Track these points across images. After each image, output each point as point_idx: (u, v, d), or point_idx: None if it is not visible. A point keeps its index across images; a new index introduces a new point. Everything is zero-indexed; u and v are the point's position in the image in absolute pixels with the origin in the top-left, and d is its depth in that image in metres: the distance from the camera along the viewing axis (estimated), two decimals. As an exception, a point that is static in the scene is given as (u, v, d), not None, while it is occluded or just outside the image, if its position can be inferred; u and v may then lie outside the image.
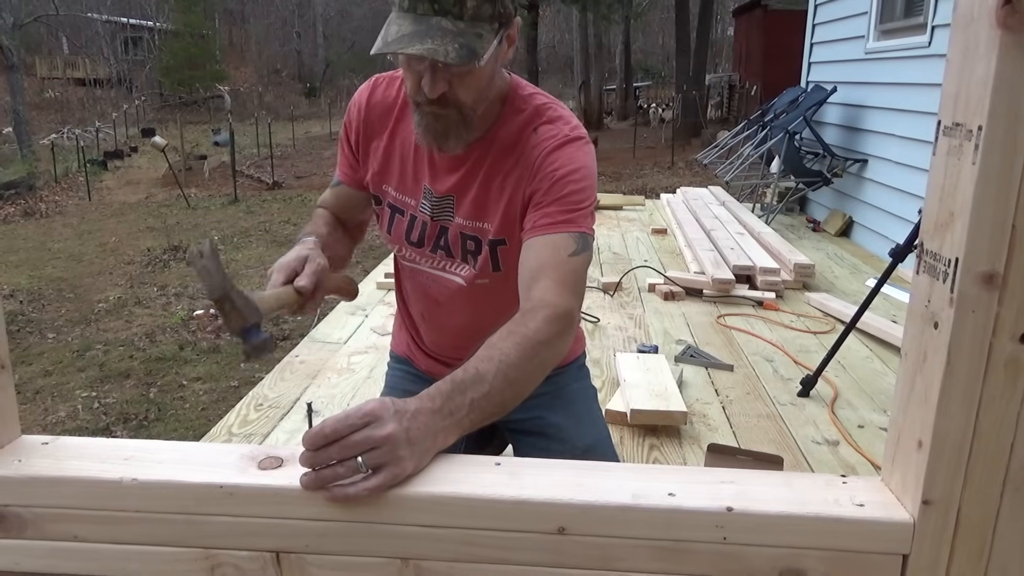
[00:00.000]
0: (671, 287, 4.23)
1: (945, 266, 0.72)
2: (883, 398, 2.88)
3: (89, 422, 3.89)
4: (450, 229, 1.33)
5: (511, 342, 1.01)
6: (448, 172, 1.30)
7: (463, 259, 1.35)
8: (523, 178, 1.24)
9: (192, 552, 0.82)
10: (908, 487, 0.78)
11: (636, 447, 2.50)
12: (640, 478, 0.83)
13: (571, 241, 1.17)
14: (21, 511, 0.82)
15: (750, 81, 16.00)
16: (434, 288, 1.41)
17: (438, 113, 1.17)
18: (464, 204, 1.30)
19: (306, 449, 0.79)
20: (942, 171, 0.74)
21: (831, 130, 6.48)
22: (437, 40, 1.07)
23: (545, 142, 1.23)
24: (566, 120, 1.27)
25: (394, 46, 1.08)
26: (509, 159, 1.26)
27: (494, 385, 0.95)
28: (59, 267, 7.63)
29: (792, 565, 0.78)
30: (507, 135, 1.26)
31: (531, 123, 1.26)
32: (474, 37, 1.09)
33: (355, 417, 0.80)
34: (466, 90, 1.15)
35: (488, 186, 1.28)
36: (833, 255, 5.33)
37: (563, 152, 1.22)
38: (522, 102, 1.28)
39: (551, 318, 1.07)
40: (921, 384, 0.76)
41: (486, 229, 1.30)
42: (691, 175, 12.47)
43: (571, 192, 1.20)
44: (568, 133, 1.24)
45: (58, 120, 23.54)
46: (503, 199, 1.27)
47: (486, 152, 1.27)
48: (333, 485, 0.78)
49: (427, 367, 1.54)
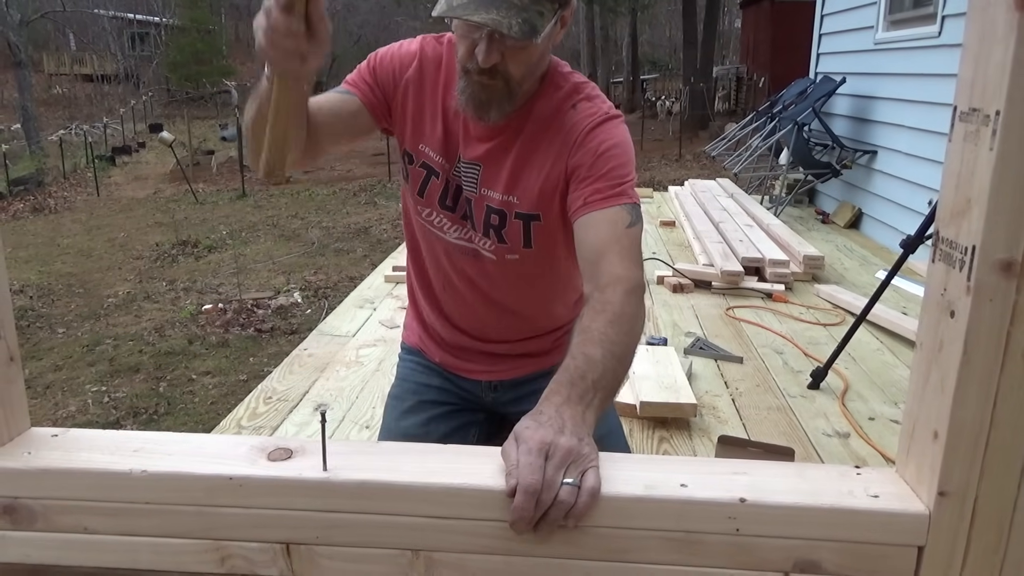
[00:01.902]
0: (680, 279, 4.22)
1: (962, 254, 0.71)
2: (894, 390, 2.86)
3: (99, 416, 3.90)
4: (474, 200, 1.32)
5: (604, 320, 1.03)
6: (479, 140, 1.29)
7: (485, 233, 1.33)
8: (562, 154, 1.24)
9: (202, 544, 0.82)
10: (923, 478, 0.77)
11: (646, 439, 2.49)
12: (652, 469, 0.83)
13: (625, 213, 1.19)
14: (31, 503, 0.82)
15: (758, 73, 15.91)
16: (462, 258, 1.39)
17: (486, 83, 1.17)
18: (491, 176, 1.29)
19: (519, 526, 0.77)
20: (958, 157, 0.73)
21: (840, 121, 6.44)
22: (502, 11, 1.07)
23: (586, 119, 1.24)
24: (603, 99, 1.29)
25: (459, 11, 1.08)
26: (546, 135, 1.26)
27: (606, 365, 0.96)
28: (68, 262, 7.66)
29: (806, 557, 0.77)
30: (543, 111, 1.27)
31: (569, 99, 1.27)
32: (536, 14, 1.10)
33: (533, 459, 0.78)
34: (518, 65, 1.16)
35: (522, 161, 1.27)
36: (842, 247, 5.31)
37: (604, 128, 1.24)
38: (561, 79, 1.28)
39: (629, 291, 1.09)
40: (937, 374, 0.75)
41: (513, 203, 1.29)
42: (699, 167, 12.43)
43: (617, 166, 1.22)
44: (607, 111, 1.26)
45: (66, 116, 23.63)
46: (539, 175, 1.27)
47: (521, 126, 1.27)
48: (564, 518, 0.77)
49: (439, 358, 1.53)
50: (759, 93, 14.56)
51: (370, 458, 0.84)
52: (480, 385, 1.52)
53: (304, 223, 9.20)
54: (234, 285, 6.16)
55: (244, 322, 5.22)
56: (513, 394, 1.51)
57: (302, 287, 6.14)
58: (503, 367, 1.50)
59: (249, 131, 1.21)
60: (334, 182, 12.74)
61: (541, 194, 1.27)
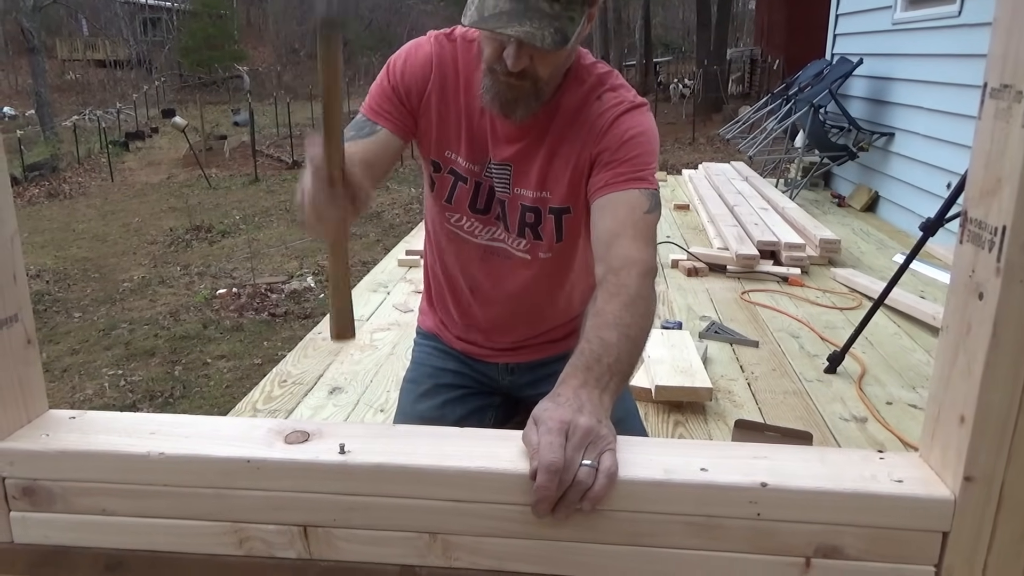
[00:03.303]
0: (694, 263, 4.19)
1: (991, 234, 0.70)
2: (912, 375, 2.84)
3: (116, 399, 3.94)
4: (507, 201, 1.31)
5: (618, 303, 1.03)
6: (508, 140, 1.28)
7: (519, 233, 1.33)
8: (588, 142, 1.24)
9: (220, 526, 0.82)
10: (949, 463, 0.76)
11: (661, 423, 2.48)
12: (671, 453, 0.82)
13: (644, 198, 1.18)
14: (50, 485, 0.82)
15: (772, 55, 15.73)
16: (492, 259, 1.38)
17: (513, 84, 1.16)
18: (524, 174, 1.29)
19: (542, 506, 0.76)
20: (988, 135, 0.71)
21: (857, 103, 6.36)
22: (535, 22, 1.06)
23: (611, 108, 1.24)
24: (628, 88, 1.29)
25: (492, 23, 1.07)
26: (572, 128, 1.26)
27: (621, 347, 0.96)
28: (84, 247, 7.71)
29: (828, 542, 0.77)
30: (570, 104, 1.26)
31: (594, 91, 1.26)
32: (567, 20, 1.09)
33: (553, 438, 0.78)
34: (546, 67, 1.16)
35: (552, 156, 1.27)
36: (859, 230, 5.25)
37: (630, 116, 1.24)
38: (584, 72, 1.27)
39: (642, 274, 1.09)
40: (964, 357, 0.74)
41: (547, 198, 1.29)
42: (712, 151, 12.33)
43: (640, 153, 1.21)
44: (632, 100, 1.26)
45: (79, 102, 23.72)
46: (568, 167, 1.26)
47: (548, 121, 1.26)
48: (580, 500, 0.76)
49: (456, 343, 1.53)
50: (773, 75, 14.41)
51: (387, 441, 0.83)
52: (497, 368, 1.52)
53: (317, 208, 9.20)
54: (248, 270, 6.19)
55: (258, 306, 5.24)
56: (530, 376, 1.50)
57: (315, 272, 6.15)
58: (521, 351, 1.50)
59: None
60: (346, 167, 12.72)
61: (571, 185, 1.27)
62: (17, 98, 24.89)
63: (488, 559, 0.80)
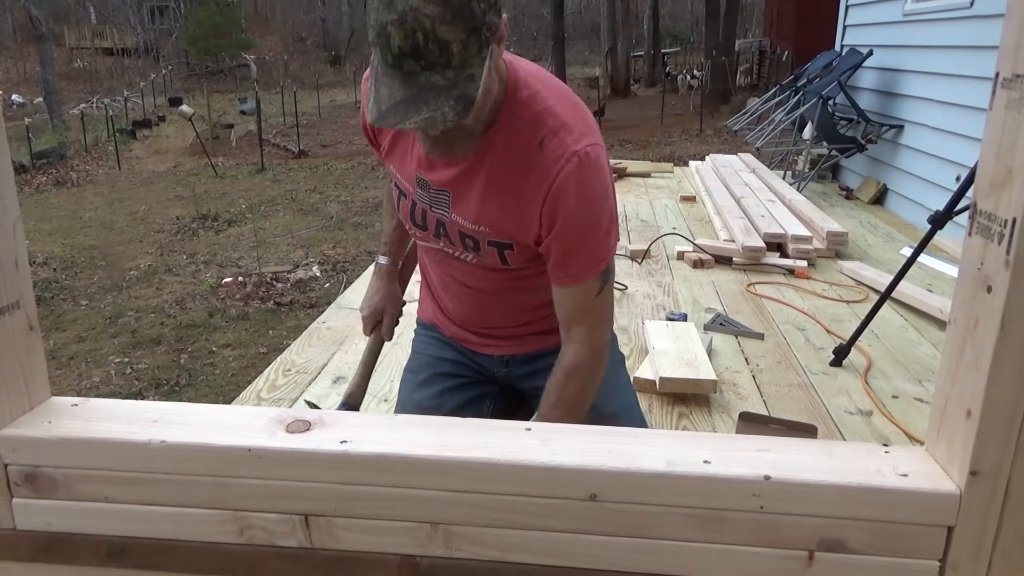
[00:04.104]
0: (700, 255, 4.18)
1: (1001, 227, 0.69)
2: (918, 368, 2.83)
3: (122, 387, 3.95)
4: (447, 223, 1.31)
5: (562, 411, 1.23)
6: (446, 166, 1.25)
7: (464, 248, 1.33)
8: (534, 202, 1.20)
9: (222, 514, 0.82)
10: (955, 457, 0.75)
11: (665, 415, 2.48)
12: (674, 445, 0.81)
13: (595, 283, 1.26)
14: (52, 472, 0.82)
15: (781, 46, 15.62)
16: (448, 264, 1.40)
17: (441, 138, 1.13)
18: (461, 203, 1.27)
19: None
20: (1000, 126, 0.70)
21: (866, 95, 6.32)
22: (432, 104, 1.01)
23: (554, 165, 1.17)
24: (569, 128, 1.19)
25: (391, 120, 1.02)
26: (512, 172, 1.20)
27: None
28: (91, 235, 7.73)
29: (831, 535, 0.76)
30: (509, 141, 1.20)
31: (535, 133, 1.19)
32: (467, 82, 1.02)
33: None
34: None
35: (488, 193, 1.23)
36: (866, 223, 5.23)
37: (576, 179, 1.17)
38: (521, 107, 1.20)
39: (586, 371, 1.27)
40: (971, 351, 0.73)
41: (484, 232, 1.27)
42: (720, 142, 12.28)
43: (591, 235, 1.23)
44: (575, 149, 1.17)
45: (87, 90, 23.75)
46: (509, 213, 1.23)
47: (484, 153, 1.21)
48: None
49: (452, 333, 1.54)
50: (782, 67, 14.31)
51: (389, 431, 0.83)
52: (492, 360, 1.52)
53: (323, 197, 9.21)
54: (254, 259, 6.19)
55: (264, 295, 5.25)
56: (525, 368, 1.50)
57: (321, 261, 6.16)
58: (515, 344, 1.50)
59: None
60: (352, 156, 12.73)
61: (515, 230, 1.25)
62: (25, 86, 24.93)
63: (489, 550, 0.80)
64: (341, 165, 11.95)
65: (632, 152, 11.64)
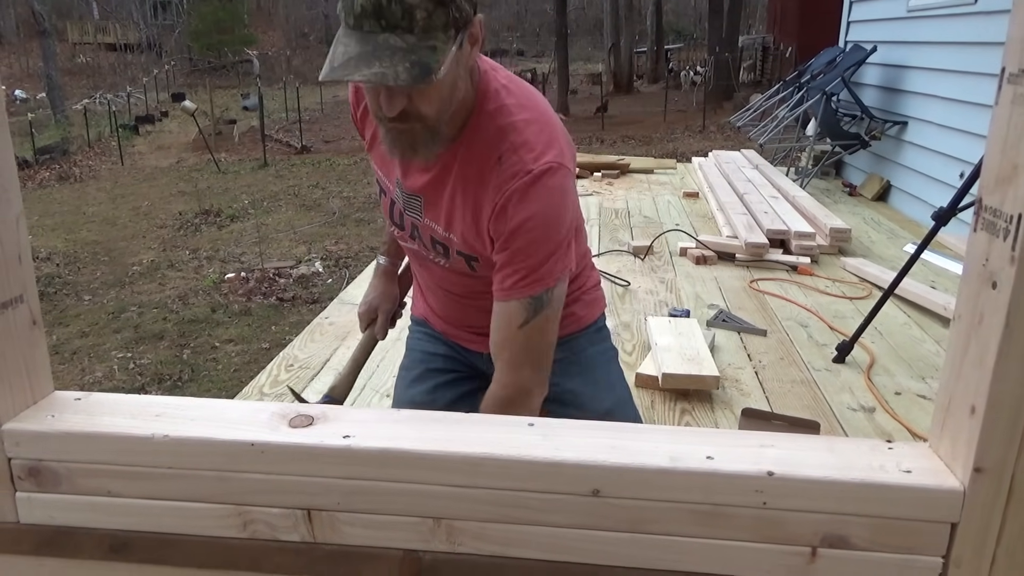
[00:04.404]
0: (703, 251, 4.17)
1: (1006, 223, 0.68)
2: (921, 365, 2.82)
3: (125, 382, 3.96)
4: (420, 227, 1.32)
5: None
6: (419, 171, 1.26)
7: (436, 254, 1.34)
8: (485, 216, 1.19)
9: (225, 508, 0.82)
10: (959, 454, 0.75)
11: (667, 411, 2.48)
12: (677, 440, 0.81)
13: (521, 310, 1.17)
14: (55, 466, 0.82)
15: (785, 42, 15.58)
16: (427, 264, 1.42)
17: (401, 128, 1.11)
18: (432, 209, 1.27)
19: None
20: (1005, 121, 0.69)
21: (870, 91, 6.30)
22: (386, 62, 0.99)
23: (507, 183, 1.15)
24: (530, 146, 1.16)
25: (339, 72, 1.00)
26: (475, 184, 1.19)
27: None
28: (94, 231, 7.74)
29: (834, 532, 0.76)
30: (470, 153, 1.19)
31: (495, 148, 1.17)
32: (427, 51, 1.01)
33: None
34: (427, 104, 1.09)
35: (454, 202, 1.23)
36: (870, 220, 5.22)
37: (525, 199, 1.14)
38: (487, 119, 1.18)
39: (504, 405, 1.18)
40: (976, 347, 0.72)
41: (453, 240, 1.27)
42: (723, 139, 12.26)
43: (525, 249, 1.15)
44: (531, 167, 1.15)
45: (90, 85, 23.76)
46: (470, 224, 1.22)
47: (451, 162, 1.21)
48: None
49: (442, 329, 1.55)
50: (785, 63, 14.28)
51: (391, 426, 0.83)
52: (481, 357, 1.51)
53: (325, 193, 9.21)
54: (256, 254, 6.20)
55: (266, 291, 5.25)
56: None
57: (323, 257, 6.16)
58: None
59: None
60: (355, 152, 12.72)
61: (478, 240, 1.23)
62: (28, 81, 24.94)
63: (492, 545, 0.80)
64: (344, 161, 11.95)
65: (635, 148, 11.62)
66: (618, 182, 6.59)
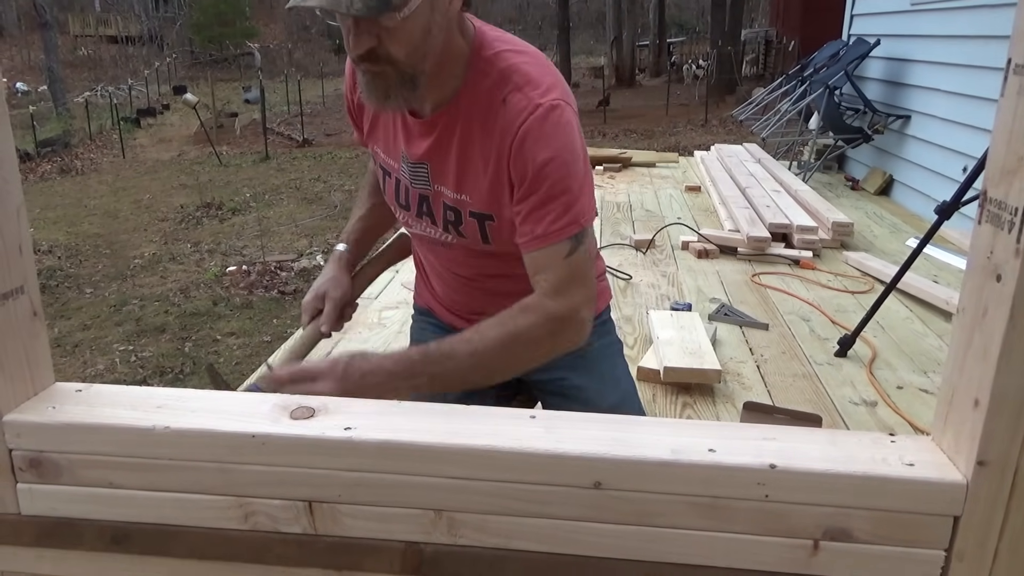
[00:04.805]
0: (705, 245, 4.17)
1: (1011, 215, 0.68)
2: (923, 359, 2.82)
3: (127, 375, 3.96)
4: (430, 197, 1.29)
5: (496, 333, 1.07)
6: (420, 137, 1.23)
7: (445, 229, 1.30)
8: (502, 159, 1.15)
9: (226, 500, 0.82)
10: (962, 447, 0.75)
11: (669, 405, 2.48)
12: (679, 433, 0.81)
13: (566, 246, 1.14)
14: (56, 457, 0.82)
15: (788, 36, 15.55)
16: (434, 248, 1.39)
17: (374, 71, 1.09)
18: (440, 173, 1.24)
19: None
20: (1011, 112, 0.69)
21: (873, 85, 6.28)
22: None
23: (517, 118, 1.12)
24: (535, 83, 1.14)
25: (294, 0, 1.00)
26: (482, 132, 1.17)
27: (461, 365, 1.01)
28: (95, 223, 7.74)
29: (837, 525, 0.76)
30: (473, 103, 1.17)
31: (499, 90, 1.15)
32: None
33: (309, 371, 0.92)
34: (397, 45, 1.06)
35: (464, 159, 1.20)
36: (872, 214, 5.21)
37: (540, 132, 1.12)
38: (486, 64, 1.16)
39: (545, 321, 1.10)
40: (980, 340, 0.72)
41: (465, 201, 1.24)
42: (725, 133, 12.23)
43: (556, 193, 1.12)
44: (539, 102, 1.12)
45: (91, 78, 23.73)
46: (484, 175, 1.19)
47: (454, 119, 1.19)
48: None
49: (448, 319, 1.52)
50: (788, 57, 14.25)
51: (393, 418, 0.83)
52: None
53: (327, 186, 9.21)
54: (258, 247, 6.20)
55: (268, 284, 5.25)
56: None
57: (324, 250, 6.16)
58: None
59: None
60: (356, 145, 12.69)
61: (490, 195, 1.20)
62: (30, 74, 24.92)
63: (493, 537, 0.80)
64: (345, 154, 11.94)
65: (637, 142, 11.61)
66: (620, 176, 6.58)
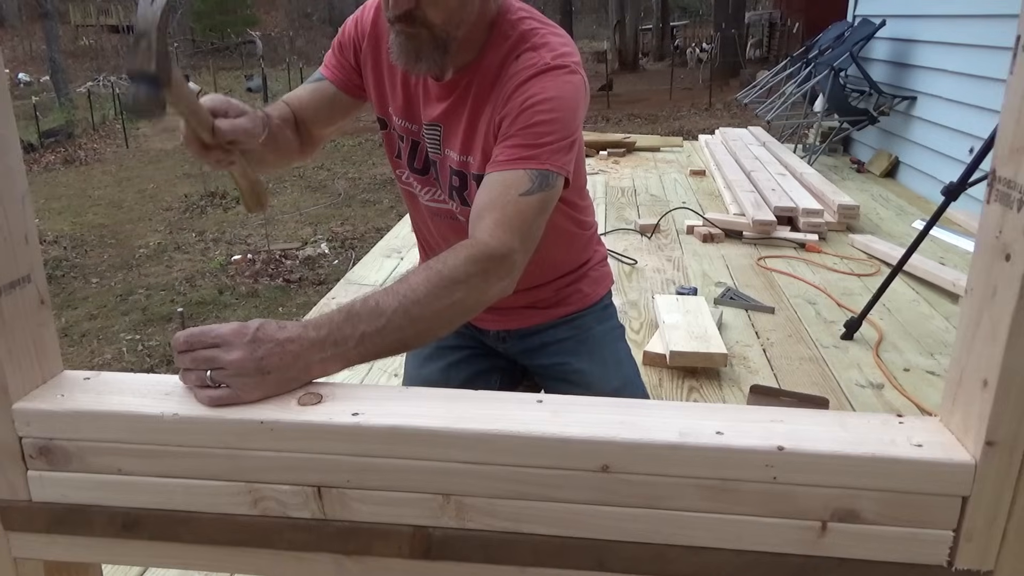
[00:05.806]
0: (710, 229, 4.16)
1: (1020, 194, 0.67)
2: (930, 341, 2.81)
3: (134, 364, 3.98)
4: (439, 162, 1.29)
5: (422, 277, 0.95)
6: (438, 100, 1.23)
7: (449, 195, 1.30)
8: (497, 107, 1.15)
9: (235, 486, 0.82)
10: (970, 428, 0.75)
11: (675, 389, 2.48)
12: (686, 416, 0.81)
13: (526, 179, 1.07)
14: (65, 444, 0.82)
15: (792, 18, 15.43)
16: (440, 221, 1.37)
17: (409, 32, 1.11)
18: (451, 136, 1.24)
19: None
20: (1020, 91, 0.68)
21: (878, 66, 6.24)
22: None
23: (523, 70, 1.13)
24: (552, 47, 1.15)
25: None
26: (492, 91, 1.17)
27: (392, 320, 0.90)
28: (100, 214, 7.75)
29: (845, 506, 0.76)
30: (492, 63, 1.18)
31: (515, 49, 1.16)
32: None
33: (210, 335, 0.84)
34: (435, 10, 1.08)
35: (474, 119, 1.20)
36: (878, 196, 5.18)
37: (538, 80, 1.11)
38: (509, 27, 1.18)
39: (476, 258, 0.99)
40: (989, 320, 0.72)
41: (469, 163, 1.24)
42: (729, 116, 12.17)
43: (537, 123, 1.09)
44: (549, 61, 1.13)
45: (93, 68, 23.67)
46: (486, 134, 1.19)
47: (471, 82, 1.20)
48: (194, 387, 0.83)
49: None
50: (793, 39, 14.15)
51: (400, 404, 0.83)
52: (489, 335, 1.50)
53: (330, 174, 9.20)
54: (262, 236, 6.20)
55: (273, 272, 5.26)
56: (521, 345, 1.49)
57: (329, 238, 6.16)
58: (509, 318, 1.46)
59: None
60: (360, 133, 12.68)
61: (484, 155, 1.19)
62: (31, 64, 24.88)
63: (502, 521, 0.80)
64: (348, 142, 11.91)
65: (641, 127, 11.55)
66: (624, 160, 6.56)
